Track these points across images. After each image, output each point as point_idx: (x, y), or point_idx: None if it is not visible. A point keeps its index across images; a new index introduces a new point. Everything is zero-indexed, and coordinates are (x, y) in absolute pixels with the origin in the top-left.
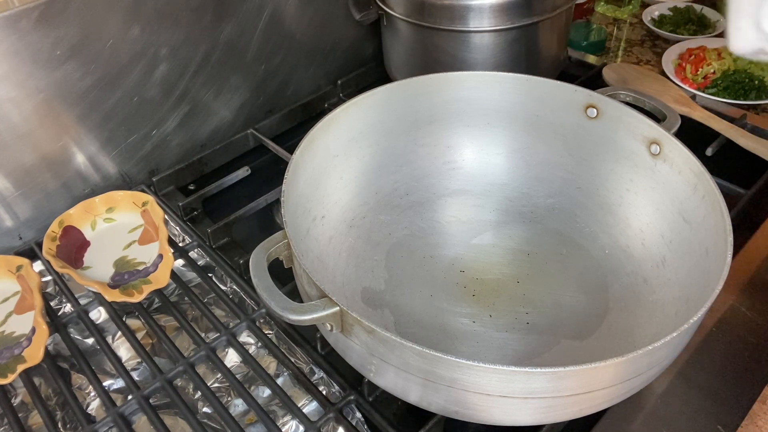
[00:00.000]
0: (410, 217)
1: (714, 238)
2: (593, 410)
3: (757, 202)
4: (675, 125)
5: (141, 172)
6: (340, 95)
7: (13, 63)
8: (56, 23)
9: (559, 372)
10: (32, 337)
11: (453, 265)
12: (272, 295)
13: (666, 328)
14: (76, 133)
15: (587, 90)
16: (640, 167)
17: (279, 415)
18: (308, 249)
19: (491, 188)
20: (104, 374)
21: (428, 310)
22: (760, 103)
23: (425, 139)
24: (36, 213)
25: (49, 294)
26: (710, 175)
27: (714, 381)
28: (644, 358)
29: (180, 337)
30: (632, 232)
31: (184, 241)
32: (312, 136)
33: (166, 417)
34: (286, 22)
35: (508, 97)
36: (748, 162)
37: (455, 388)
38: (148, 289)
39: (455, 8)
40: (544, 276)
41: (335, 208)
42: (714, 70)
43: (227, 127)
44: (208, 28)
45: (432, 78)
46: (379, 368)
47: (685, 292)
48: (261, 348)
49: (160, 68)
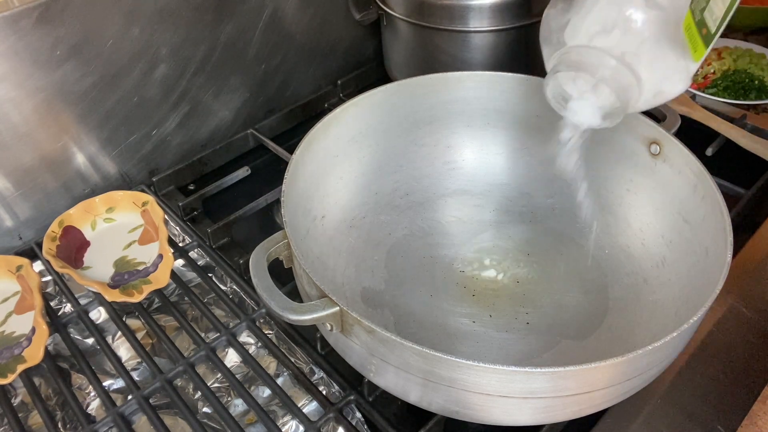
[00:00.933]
0: (410, 217)
1: (714, 238)
2: (593, 410)
3: (757, 202)
4: (675, 125)
5: (141, 172)
6: (340, 95)
7: (13, 63)
8: (56, 23)
9: (559, 372)
10: (32, 337)
11: (453, 265)
12: (272, 295)
13: (666, 328)
14: (76, 133)
15: None
16: (640, 167)
17: (279, 415)
18: (308, 249)
19: (491, 188)
20: (104, 374)
21: (428, 310)
22: (760, 103)
23: (425, 139)
24: (36, 213)
25: (49, 294)
26: (710, 176)
27: (714, 381)
28: (644, 358)
29: (180, 337)
30: (632, 232)
31: (184, 241)
32: (312, 136)
33: (166, 417)
34: (286, 22)
35: (508, 97)
36: (748, 162)
37: (455, 388)
38: (148, 289)
39: (455, 8)
40: (543, 276)
41: (335, 208)
42: (714, 70)
43: (227, 127)
44: (208, 28)
45: (432, 78)
46: (379, 368)
47: (685, 292)
48: (261, 348)
49: (160, 68)
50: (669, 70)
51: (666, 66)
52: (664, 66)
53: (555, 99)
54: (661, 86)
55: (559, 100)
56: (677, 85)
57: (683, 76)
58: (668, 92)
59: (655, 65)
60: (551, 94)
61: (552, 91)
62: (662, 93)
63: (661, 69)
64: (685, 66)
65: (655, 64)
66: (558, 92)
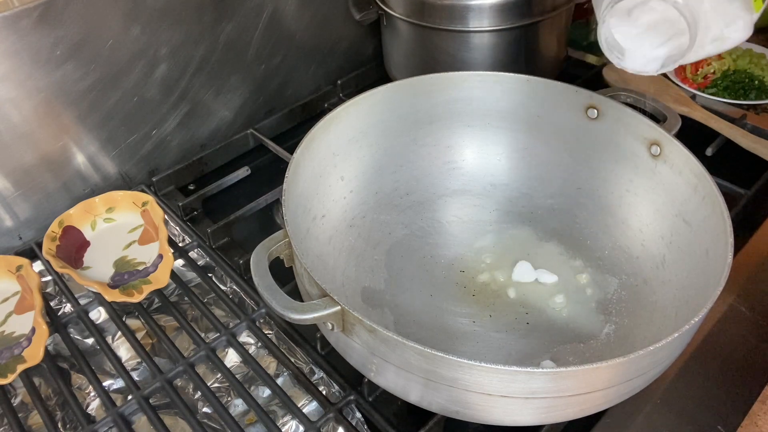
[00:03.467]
0: (410, 217)
1: (714, 239)
2: (594, 410)
3: (757, 202)
4: (675, 126)
5: (141, 172)
6: (340, 95)
7: (13, 63)
8: (56, 23)
9: (560, 372)
10: (32, 337)
11: (453, 265)
12: (274, 294)
13: (666, 328)
14: (76, 133)
15: (588, 91)
16: (641, 168)
17: (279, 415)
18: (308, 248)
19: (491, 188)
20: (104, 374)
21: (428, 310)
22: (760, 103)
23: (425, 139)
24: (36, 213)
25: (49, 294)
26: (711, 177)
27: (714, 381)
28: (644, 359)
29: (180, 337)
30: (632, 232)
31: (184, 241)
32: (312, 136)
33: (166, 417)
34: (286, 22)
35: (508, 98)
36: (748, 162)
37: (456, 387)
38: (148, 289)
39: (455, 8)
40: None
41: (335, 207)
42: (714, 70)
43: (227, 127)
44: (208, 28)
45: (432, 78)
46: (380, 368)
47: (685, 292)
48: (261, 348)
49: (160, 68)
50: (731, 15)
51: (729, 10)
52: (728, 10)
53: (608, 47)
54: (722, 31)
55: (611, 48)
56: (739, 32)
57: (746, 23)
58: (730, 38)
59: (719, 8)
60: (605, 39)
61: (605, 36)
62: (724, 38)
63: (725, 13)
64: (747, 15)
65: (720, 6)
66: (610, 39)
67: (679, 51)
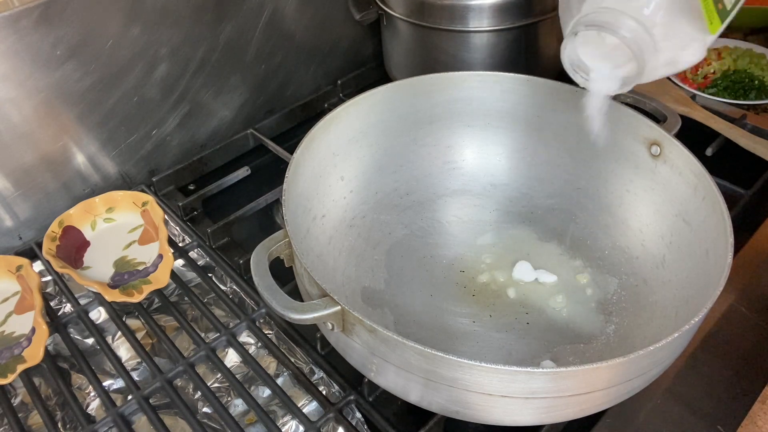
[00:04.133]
0: (410, 217)
1: (714, 239)
2: (594, 410)
3: (757, 202)
4: (675, 126)
5: (141, 172)
6: (340, 95)
7: (13, 63)
8: (56, 23)
9: (560, 372)
10: (32, 337)
11: (453, 265)
12: (274, 294)
13: (666, 328)
14: (76, 133)
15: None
16: (641, 168)
17: (279, 415)
18: (309, 248)
19: (491, 188)
20: (104, 374)
21: (428, 310)
22: (760, 103)
23: (425, 139)
24: (36, 213)
25: (49, 294)
26: (711, 177)
27: (714, 381)
28: (645, 359)
29: (180, 337)
30: (632, 233)
31: (184, 241)
32: (312, 136)
33: (166, 417)
34: (286, 22)
35: (508, 98)
36: (748, 162)
37: (456, 387)
38: (148, 289)
39: (455, 8)
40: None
41: (335, 207)
42: (714, 70)
43: (227, 127)
44: (208, 28)
45: (432, 78)
46: (380, 368)
47: (685, 292)
48: (261, 348)
49: (160, 68)
50: (685, 38)
51: (682, 34)
52: (680, 34)
53: (572, 67)
54: (676, 55)
55: (575, 68)
56: (693, 55)
57: (699, 47)
58: (683, 61)
59: (672, 32)
60: (569, 60)
61: (569, 58)
62: (676, 62)
63: (678, 37)
64: (702, 37)
65: (672, 31)
66: (575, 60)
67: (635, 73)
